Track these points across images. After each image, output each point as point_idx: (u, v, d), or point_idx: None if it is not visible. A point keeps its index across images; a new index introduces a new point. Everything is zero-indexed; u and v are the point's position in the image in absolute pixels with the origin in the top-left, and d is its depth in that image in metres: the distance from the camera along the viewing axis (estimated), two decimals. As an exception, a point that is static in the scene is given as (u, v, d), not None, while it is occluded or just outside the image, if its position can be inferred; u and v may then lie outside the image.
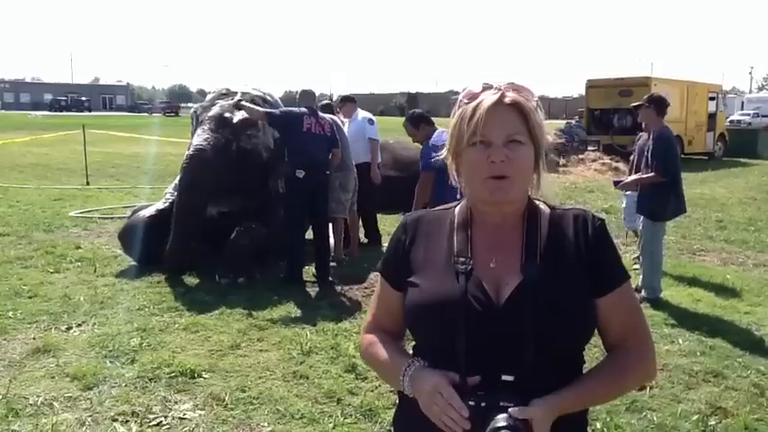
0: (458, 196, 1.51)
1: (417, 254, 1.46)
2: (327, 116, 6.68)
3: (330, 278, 6.32)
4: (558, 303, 1.32)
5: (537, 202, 1.45)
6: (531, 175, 1.40)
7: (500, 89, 1.37)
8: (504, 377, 1.28)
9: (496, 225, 1.41)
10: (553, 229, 1.41)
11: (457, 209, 1.49)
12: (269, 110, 6.43)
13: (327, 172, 6.34)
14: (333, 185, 6.77)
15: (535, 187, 1.43)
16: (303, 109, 6.29)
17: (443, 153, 1.45)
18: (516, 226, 1.41)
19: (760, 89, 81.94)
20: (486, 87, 1.39)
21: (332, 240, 6.89)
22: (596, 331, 1.42)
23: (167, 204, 6.67)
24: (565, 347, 1.36)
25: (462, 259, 1.39)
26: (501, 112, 1.35)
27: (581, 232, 1.40)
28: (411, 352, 1.48)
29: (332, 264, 6.66)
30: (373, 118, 8.04)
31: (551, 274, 1.34)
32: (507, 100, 1.36)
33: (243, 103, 6.44)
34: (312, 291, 6.01)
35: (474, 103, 1.37)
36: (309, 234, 6.65)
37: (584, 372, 1.41)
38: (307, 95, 6.55)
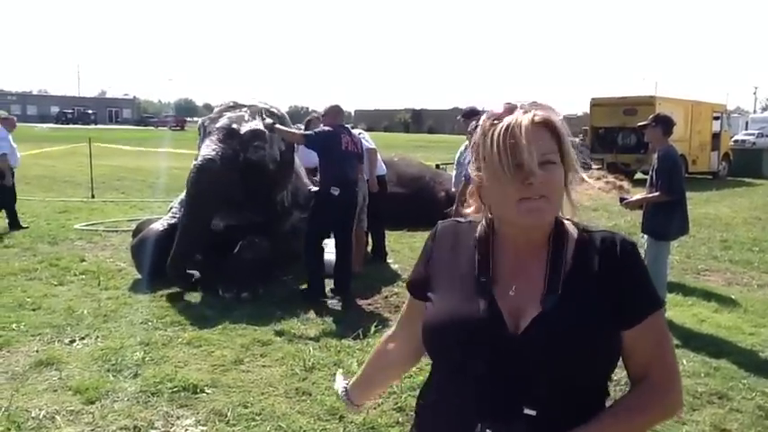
0: None
1: (439, 267, 1.45)
2: (356, 132, 6.77)
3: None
4: (577, 340, 1.26)
5: (565, 223, 1.38)
6: (562, 196, 1.34)
7: (526, 109, 1.32)
8: (527, 411, 1.24)
9: (519, 248, 1.36)
10: (579, 255, 1.34)
11: (480, 225, 1.43)
12: (306, 132, 6.54)
13: (357, 188, 6.44)
14: None
15: (565, 208, 1.37)
16: (334, 128, 6.28)
17: (472, 175, 1.37)
18: (540, 250, 1.34)
19: (764, 109, 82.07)
20: (510, 107, 1.33)
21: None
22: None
23: (176, 219, 6.67)
24: (586, 384, 1.31)
25: (483, 280, 1.34)
26: (533, 132, 1.29)
27: (609, 258, 1.33)
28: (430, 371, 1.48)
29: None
30: (360, 130, 8.09)
31: (572, 308, 1.29)
32: (538, 119, 1.30)
33: (277, 126, 6.45)
34: (316, 306, 5.99)
35: (504, 124, 1.30)
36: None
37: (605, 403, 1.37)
38: (335, 112, 6.48)
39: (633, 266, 1.35)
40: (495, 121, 1.31)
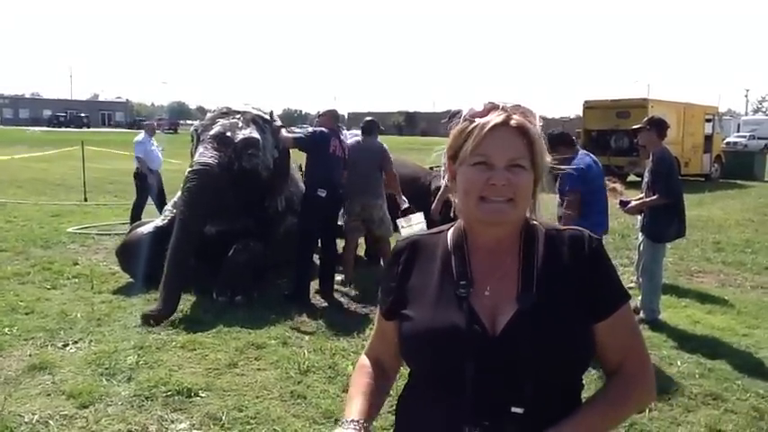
0: (601, 214, 1.50)
1: (410, 283, 1.44)
2: (345, 138, 6.89)
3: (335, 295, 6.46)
4: (555, 335, 1.28)
5: (534, 223, 1.42)
6: (529, 200, 1.38)
7: (506, 111, 1.36)
8: (514, 409, 1.25)
9: (491, 249, 1.38)
10: (549, 253, 1.37)
11: (450, 232, 1.45)
12: (296, 135, 6.76)
13: (341, 191, 6.53)
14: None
15: (532, 211, 1.41)
16: (327, 131, 6.45)
17: (444, 171, 1.42)
18: (511, 249, 1.37)
19: (755, 111, 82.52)
20: (491, 107, 1.38)
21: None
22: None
23: (166, 222, 6.66)
24: (567, 378, 1.34)
25: (463, 283, 1.35)
26: (506, 134, 1.33)
27: (577, 254, 1.37)
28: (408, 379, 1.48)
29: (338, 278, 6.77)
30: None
31: (548, 304, 1.31)
32: (513, 123, 1.34)
33: (283, 131, 6.69)
34: (310, 310, 5.98)
35: (478, 122, 1.35)
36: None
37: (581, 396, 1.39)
38: (331, 116, 6.71)
39: (601, 262, 1.38)
40: (470, 119, 1.37)
